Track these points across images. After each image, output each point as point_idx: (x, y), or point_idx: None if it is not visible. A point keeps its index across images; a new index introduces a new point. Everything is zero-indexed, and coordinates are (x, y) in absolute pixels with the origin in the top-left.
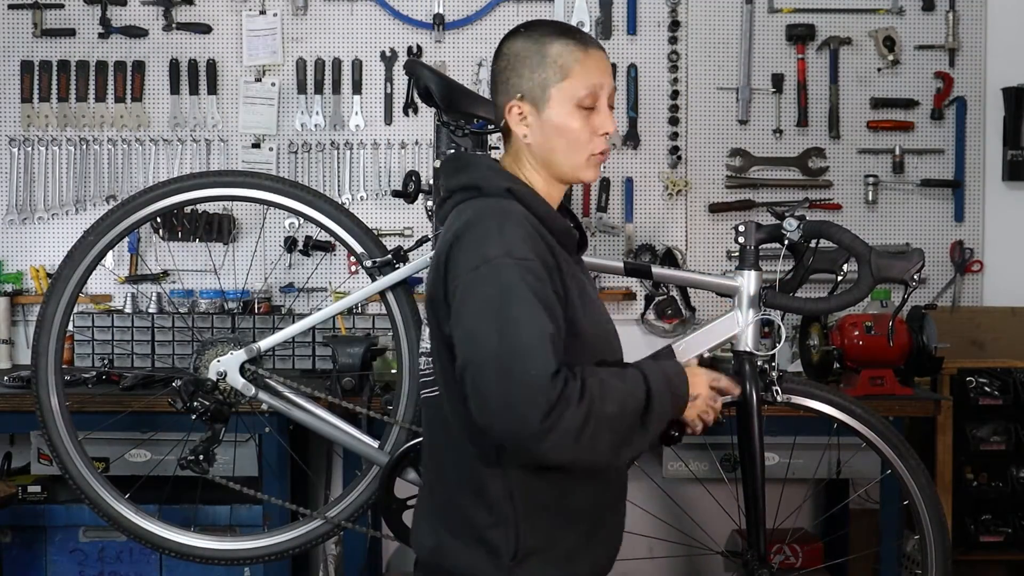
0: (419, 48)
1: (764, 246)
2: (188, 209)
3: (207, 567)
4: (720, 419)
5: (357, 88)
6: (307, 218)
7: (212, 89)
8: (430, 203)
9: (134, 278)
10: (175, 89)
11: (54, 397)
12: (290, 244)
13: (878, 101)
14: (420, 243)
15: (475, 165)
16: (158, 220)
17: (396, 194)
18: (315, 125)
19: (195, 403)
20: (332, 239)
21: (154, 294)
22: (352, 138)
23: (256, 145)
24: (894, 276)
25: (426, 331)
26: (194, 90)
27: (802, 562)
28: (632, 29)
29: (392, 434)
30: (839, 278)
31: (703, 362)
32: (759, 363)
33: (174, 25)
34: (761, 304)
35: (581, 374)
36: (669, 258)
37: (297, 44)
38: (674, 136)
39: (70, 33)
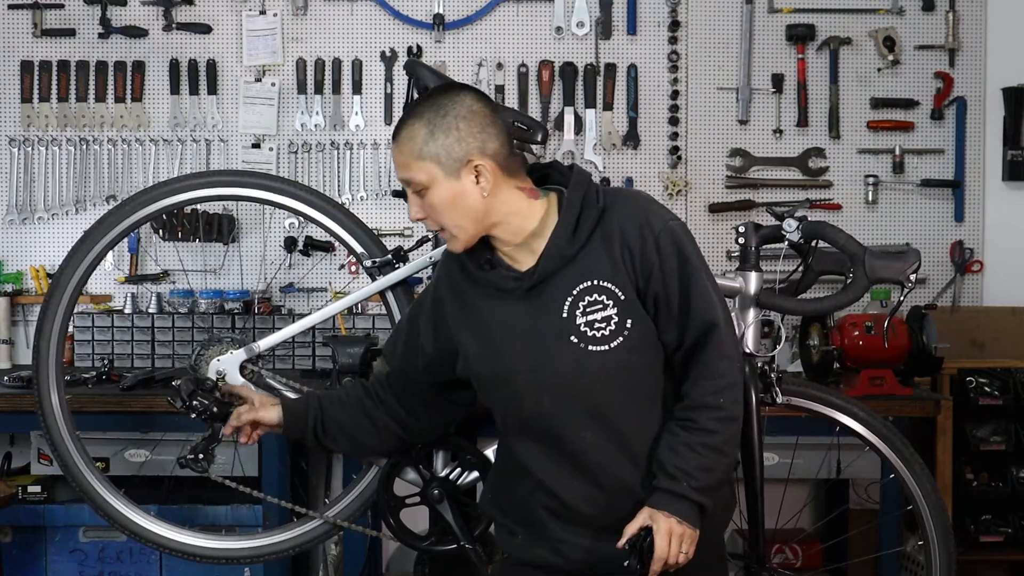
0: (419, 48)
1: (765, 247)
2: (188, 209)
3: (207, 567)
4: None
5: (357, 88)
6: (307, 218)
7: (212, 89)
8: None
9: (134, 278)
10: (175, 89)
11: (54, 397)
12: (290, 244)
13: (878, 101)
14: (420, 243)
15: None
16: (163, 218)
17: (396, 194)
18: (315, 125)
19: (194, 402)
20: (332, 239)
21: (154, 294)
22: (352, 138)
23: (256, 145)
24: (888, 277)
25: None
26: (194, 90)
27: (802, 562)
28: (632, 29)
29: None
30: (848, 279)
31: None
32: (759, 364)
33: (174, 25)
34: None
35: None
36: None
37: (297, 44)
38: (674, 136)
39: (70, 33)
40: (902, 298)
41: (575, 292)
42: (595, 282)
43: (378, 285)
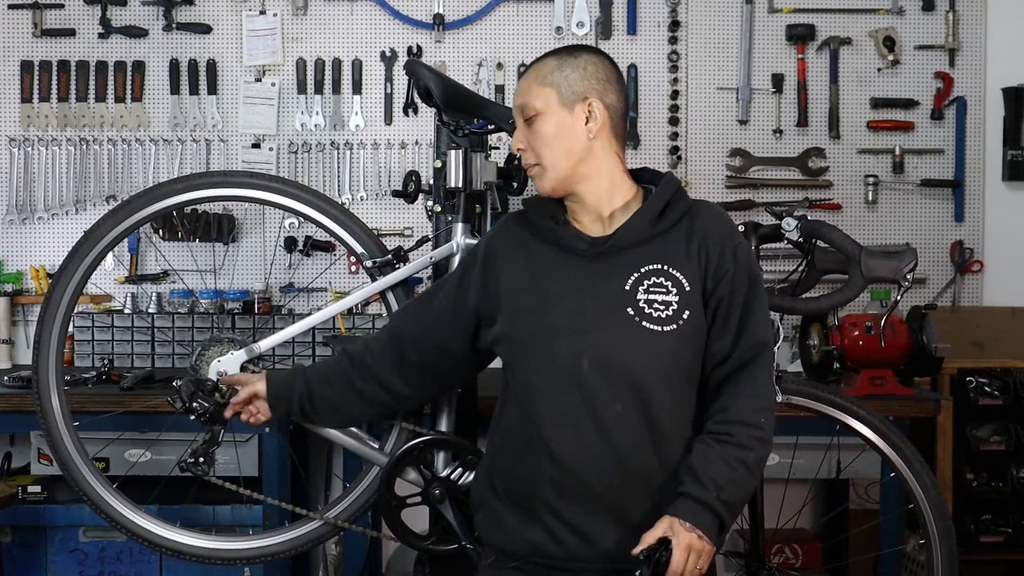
0: (419, 48)
1: (765, 246)
2: (188, 209)
3: (207, 567)
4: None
5: (357, 88)
6: (307, 218)
7: (212, 89)
8: (430, 203)
9: (134, 278)
10: (175, 89)
11: (55, 397)
12: (290, 244)
13: (878, 101)
14: (420, 243)
15: None
16: (163, 218)
17: (396, 194)
18: (315, 125)
19: (195, 404)
20: (332, 239)
21: (154, 294)
22: (352, 138)
23: (256, 145)
24: (885, 275)
25: None
26: (194, 90)
27: (802, 562)
28: (632, 29)
29: (392, 435)
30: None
31: None
32: None
33: (174, 25)
34: None
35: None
36: None
37: (297, 44)
38: (674, 136)
39: (70, 33)
40: (899, 297)
41: (643, 270)
42: (665, 267)
43: (378, 285)
